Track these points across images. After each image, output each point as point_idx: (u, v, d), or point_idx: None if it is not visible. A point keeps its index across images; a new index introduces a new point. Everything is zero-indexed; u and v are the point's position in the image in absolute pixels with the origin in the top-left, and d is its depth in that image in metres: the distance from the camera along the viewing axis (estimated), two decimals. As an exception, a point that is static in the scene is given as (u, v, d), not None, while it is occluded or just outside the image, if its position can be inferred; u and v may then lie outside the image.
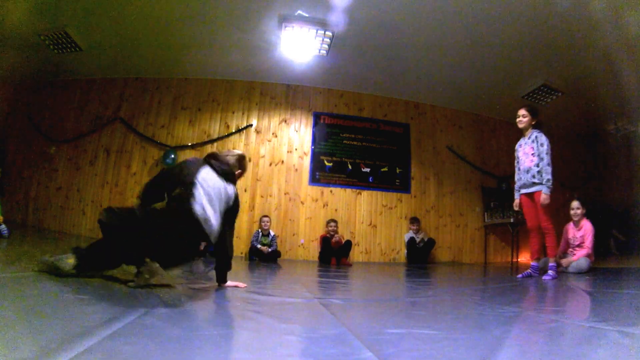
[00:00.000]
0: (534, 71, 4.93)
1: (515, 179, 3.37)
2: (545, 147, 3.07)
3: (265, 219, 4.85)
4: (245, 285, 1.93)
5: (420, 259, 5.17)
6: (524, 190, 3.25)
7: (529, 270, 3.16)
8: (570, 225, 3.82)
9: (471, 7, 3.77)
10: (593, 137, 6.82)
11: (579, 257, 3.54)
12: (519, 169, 3.32)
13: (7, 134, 5.66)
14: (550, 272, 3.00)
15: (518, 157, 3.35)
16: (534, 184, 3.13)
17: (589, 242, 3.57)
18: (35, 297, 1.20)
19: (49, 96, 5.72)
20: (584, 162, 6.88)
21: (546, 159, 3.05)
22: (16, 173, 5.41)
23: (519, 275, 3.18)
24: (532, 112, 3.24)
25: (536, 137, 3.15)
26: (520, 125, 3.26)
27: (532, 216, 3.20)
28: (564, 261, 3.64)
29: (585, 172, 6.79)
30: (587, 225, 3.68)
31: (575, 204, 3.77)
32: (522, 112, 3.26)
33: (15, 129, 5.68)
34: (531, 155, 3.16)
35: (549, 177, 3.02)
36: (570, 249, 3.75)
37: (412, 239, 5.23)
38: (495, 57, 4.67)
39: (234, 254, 5.14)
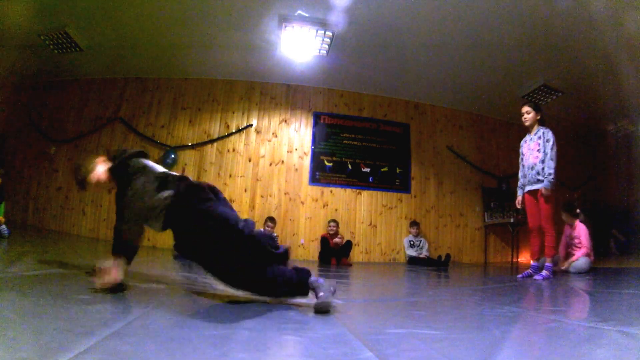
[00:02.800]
0: (534, 71, 4.93)
1: (519, 175, 3.33)
2: (551, 142, 3.04)
3: (271, 223, 4.75)
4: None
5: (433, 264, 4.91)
6: (528, 188, 3.20)
7: (529, 270, 3.15)
8: (566, 226, 3.85)
9: (471, 7, 3.77)
10: (593, 137, 6.82)
11: (578, 258, 3.54)
12: (523, 166, 3.28)
13: (7, 134, 5.66)
14: (544, 271, 3.00)
15: (522, 154, 3.31)
16: (538, 180, 3.09)
17: (585, 241, 3.58)
18: (35, 297, 1.20)
19: (49, 96, 5.72)
20: (584, 162, 6.88)
21: (550, 154, 3.03)
22: (16, 173, 5.41)
23: (519, 275, 3.18)
24: (536, 108, 3.22)
25: (543, 133, 3.11)
26: (527, 123, 3.23)
27: (534, 215, 3.17)
28: (564, 263, 3.65)
29: (585, 172, 6.79)
30: (580, 227, 3.71)
31: (561, 213, 3.82)
32: (526, 108, 3.24)
33: (15, 129, 5.67)
34: (536, 151, 3.12)
35: (551, 171, 3.00)
36: (570, 249, 3.76)
37: (412, 256, 5.16)
38: (495, 57, 4.67)
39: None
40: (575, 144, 6.87)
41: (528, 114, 3.21)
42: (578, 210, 3.84)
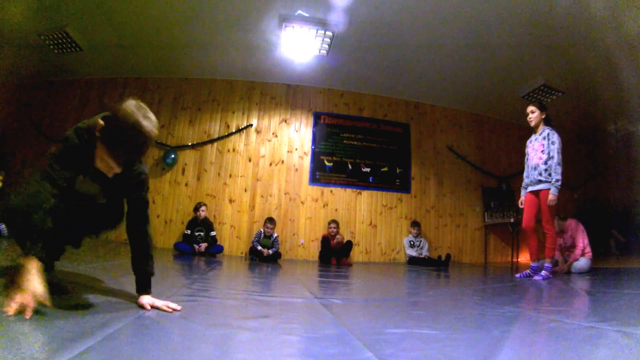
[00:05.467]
0: (534, 71, 4.93)
1: (524, 175, 3.30)
2: (556, 145, 3.01)
3: (270, 224, 4.71)
4: (179, 309, 1.23)
5: (434, 264, 4.91)
6: (530, 188, 3.19)
7: (528, 271, 3.15)
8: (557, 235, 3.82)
9: (471, 7, 3.77)
10: (593, 137, 6.82)
11: (575, 258, 3.53)
12: (528, 166, 3.26)
13: (7, 134, 5.66)
14: (543, 272, 2.99)
15: (527, 154, 3.29)
16: (540, 181, 3.08)
17: (580, 240, 3.57)
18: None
19: (49, 96, 5.72)
20: (584, 162, 6.88)
21: (557, 157, 2.98)
22: (16, 173, 5.40)
23: (518, 275, 3.17)
24: (541, 107, 3.20)
25: (548, 134, 3.09)
26: (532, 123, 3.21)
27: (530, 215, 3.16)
28: (563, 266, 3.63)
29: (585, 172, 6.79)
30: (572, 225, 3.67)
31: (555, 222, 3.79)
32: (530, 108, 3.22)
33: (15, 129, 5.67)
34: (540, 152, 3.10)
35: (559, 177, 2.96)
36: (567, 252, 3.75)
37: (412, 256, 5.16)
38: (495, 57, 4.67)
39: (236, 253, 5.05)
40: (575, 144, 6.86)
41: (532, 113, 3.19)
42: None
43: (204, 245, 4.51)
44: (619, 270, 3.72)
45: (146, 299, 1.23)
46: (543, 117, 3.18)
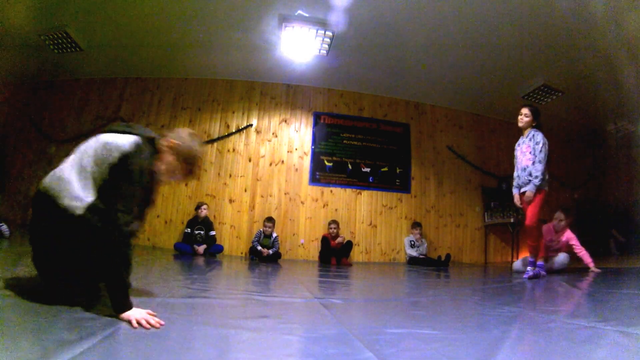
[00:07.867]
0: (534, 71, 4.93)
1: (514, 176, 3.37)
2: (539, 145, 3.07)
3: (269, 223, 4.72)
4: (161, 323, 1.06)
5: (434, 264, 4.91)
6: (523, 189, 3.24)
7: (537, 269, 3.15)
8: (550, 228, 3.80)
9: (471, 7, 3.77)
10: (593, 137, 6.82)
11: (586, 259, 3.53)
12: (517, 168, 3.33)
13: (7, 134, 5.66)
14: (529, 269, 3.05)
15: (516, 156, 3.37)
16: (530, 182, 3.13)
17: (578, 246, 3.59)
18: (35, 297, 1.20)
19: (49, 96, 5.72)
20: (584, 162, 6.88)
21: (539, 156, 3.06)
22: (16, 173, 5.40)
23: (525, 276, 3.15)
24: (535, 113, 3.24)
25: (533, 135, 3.15)
26: (520, 124, 3.26)
27: None
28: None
29: (585, 172, 6.79)
30: (570, 234, 3.68)
31: (559, 214, 3.76)
32: (525, 110, 3.25)
33: (15, 129, 5.67)
34: (528, 153, 3.17)
35: (538, 174, 3.04)
36: (551, 252, 3.72)
37: (412, 256, 5.17)
38: (495, 57, 4.67)
39: (236, 253, 5.02)
40: (575, 144, 6.87)
41: (526, 117, 3.24)
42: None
43: (202, 248, 4.50)
44: (619, 270, 3.72)
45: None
46: (534, 124, 3.24)
